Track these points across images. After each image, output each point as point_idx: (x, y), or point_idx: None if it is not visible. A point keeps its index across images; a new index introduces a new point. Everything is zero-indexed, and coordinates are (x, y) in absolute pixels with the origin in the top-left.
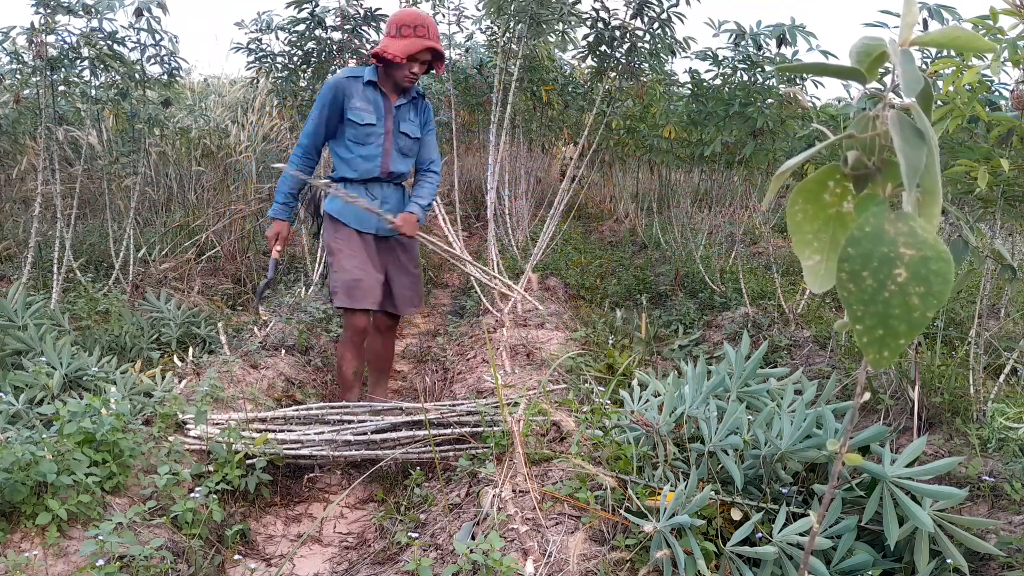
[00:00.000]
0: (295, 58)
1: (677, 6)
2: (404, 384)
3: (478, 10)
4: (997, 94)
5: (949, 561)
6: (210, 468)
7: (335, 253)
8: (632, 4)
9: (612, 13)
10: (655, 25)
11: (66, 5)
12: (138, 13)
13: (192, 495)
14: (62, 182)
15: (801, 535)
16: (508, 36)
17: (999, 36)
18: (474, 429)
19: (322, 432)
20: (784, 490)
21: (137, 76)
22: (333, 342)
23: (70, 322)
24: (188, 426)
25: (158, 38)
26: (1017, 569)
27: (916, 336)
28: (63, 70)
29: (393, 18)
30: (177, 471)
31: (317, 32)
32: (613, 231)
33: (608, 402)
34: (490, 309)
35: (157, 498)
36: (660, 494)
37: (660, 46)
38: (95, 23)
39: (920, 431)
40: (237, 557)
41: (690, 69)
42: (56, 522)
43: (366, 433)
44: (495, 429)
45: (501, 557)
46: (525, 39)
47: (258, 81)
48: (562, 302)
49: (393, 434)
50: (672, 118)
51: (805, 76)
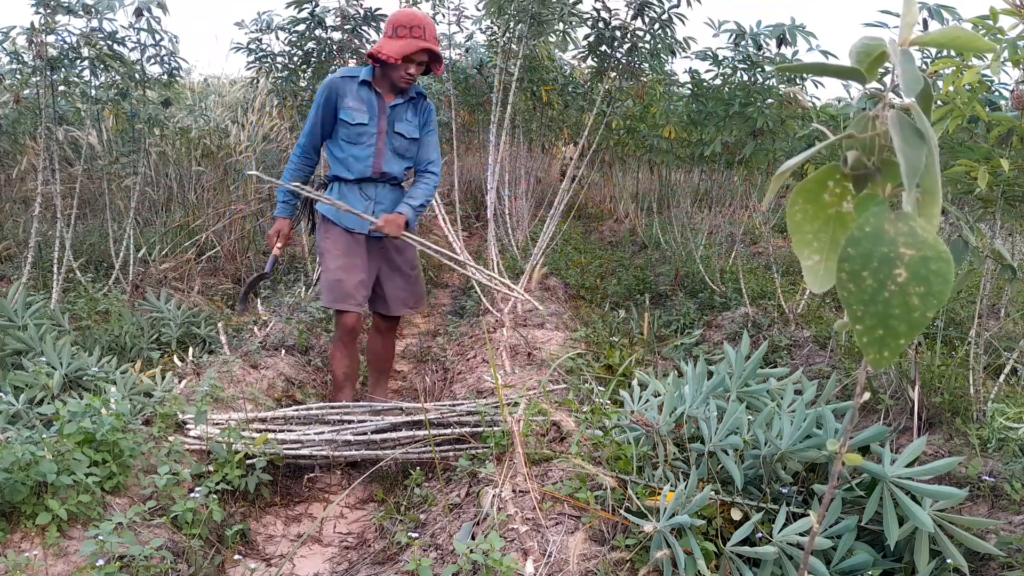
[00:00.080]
0: (295, 58)
1: (678, 7)
2: (404, 384)
3: (478, 10)
4: (997, 94)
5: (949, 561)
6: (210, 468)
7: (323, 253)
8: (633, 5)
9: (613, 13)
10: (656, 25)
11: (66, 5)
12: (138, 13)
13: (192, 495)
14: (62, 182)
15: (801, 535)
16: (508, 36)
17: (999, 36)
18: (474, 429)
19: (322, 432)
20: (784, 490)
21: (137, 76)
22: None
23: (70, 322)
24: (188, 426)
25: (158, 38)
26: (1017, 569)
27: (916, 336)
28: (63, 70)
29: (390, 18)
30: (177, 471)
31: (317, 32)
32: (613, 231)
33: (608, 402)
34: (490, 309)
35: (157, 498)
36: (660, 494)
37: (660, 46)
38: (95, 23)
39: (920, 431)
40: (237, 557)
41: (690, 69)
42: (56, 522)
43: (366, 433)
44: (495, 429)
45: (501, 557)
46: (525, 39)
47: (258, 81)
48: (562, 302)
49: (393, 434)
50: (672, 118)
51: (805, 76)
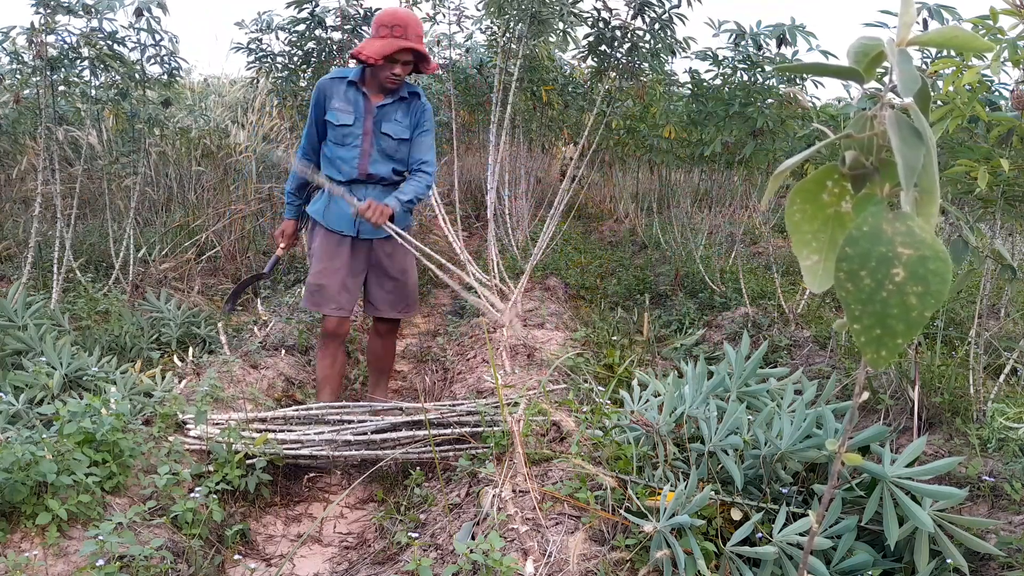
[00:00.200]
0: (295, 58)
1: (679, 7)
2: (404, 384)
3: (478, 10)
4: (997, 94)
5: (949, 561)
6: (210, 468)
7: (310, 256)
8: (633, 4)
9: (613, 13)
10: (656, 25)
11: (66, 5)
12: (138, 13)
13: (192, 495)
14: (62, 182)
15: (801, 535)
16: (508, 36)
17: (999, 36)
18: (474, 429)
19: (322, 432)
20: (784, 490)
21: (137, 76)
22: None
23: (70, 322)
24: (188, 426)
25: (158, 38)
26: (1017, 569)
27: (914, 336)
28: (63, 70)
29: (374, 18)
30: (177, 471)
31: (317, 32)
32: (613, 231)
33: (608, 402)
34: (490, 309)
35: (157, 498)
36: (660, 494)
37: (661, 46)
38: (95, 23)
39: (920, 431)
40: (237, 557)
41: (690, 69)
42: (56, 522)
43: (366, 433)
44: (495, 429)
45: (501, 557)
46: (525, 39)
47: (258, 81)
48: (562, 302)
49: (393, 434)
50: (672, 118)
51: (805, 76)
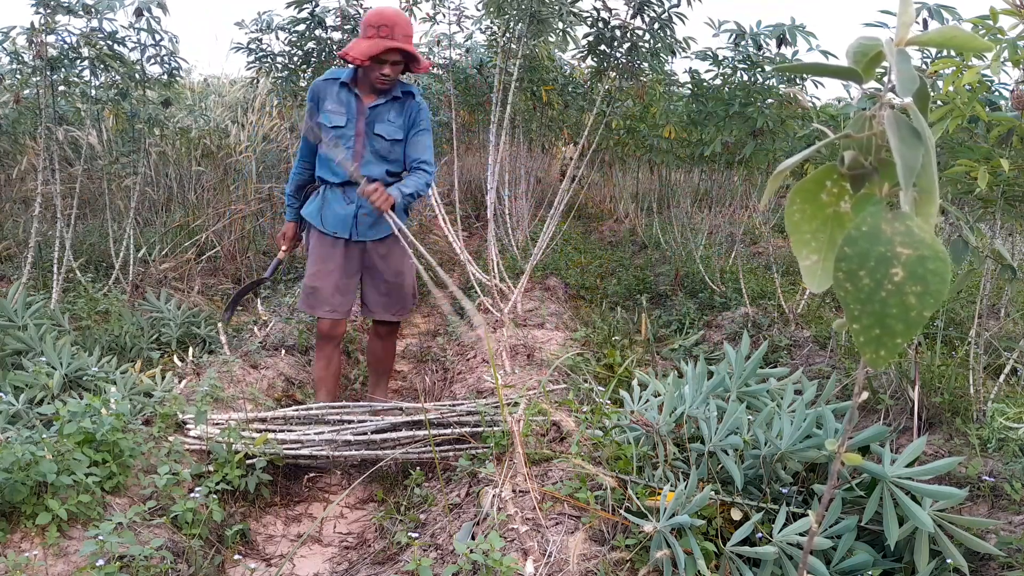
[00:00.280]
0: (295, 58)
1: (678, 6)
2: (404, 384)
3: (478, 10)
4: (997, 94)
5: (949, 561)
6: (210, 468)
7: (308, 258)
8: (633, 4)
9: (613, 13)
10: (656, 25)
11: (66, 5)
12: (138, 13)
13: (192, 495)
14: (62, 182)
15: (801, 535)
16: (508, 36)
17: (999, 36)
18: (474, 429)
19: (322, 432)
20: (784, 490)
21: (137, 76)
22: None
23: (70, 322)
24: (188, 426)
25: (158, 38)
26: (1017, 569)
27: (914, 335)
28: (63, 70)
29: (363, 18)
30: (177, 471)
31: (317, 32)
32: (613, 231)
33: (608, 402)
34: (490, 309)
35: (157, 498)
36: (660, 494)
37: (660, 46)
38: (95, 23)
39: (920, 431)
40: (237, 557)
41: (690, 69)
42: (56, 522)
43: (366, 433)
44: (495, 429)
45: (501, 557)
46: (525, 39)
47: (258, 81)
48: (562, 302)
49: (393, 434)
50: (672, 118)
51: (804, 76)
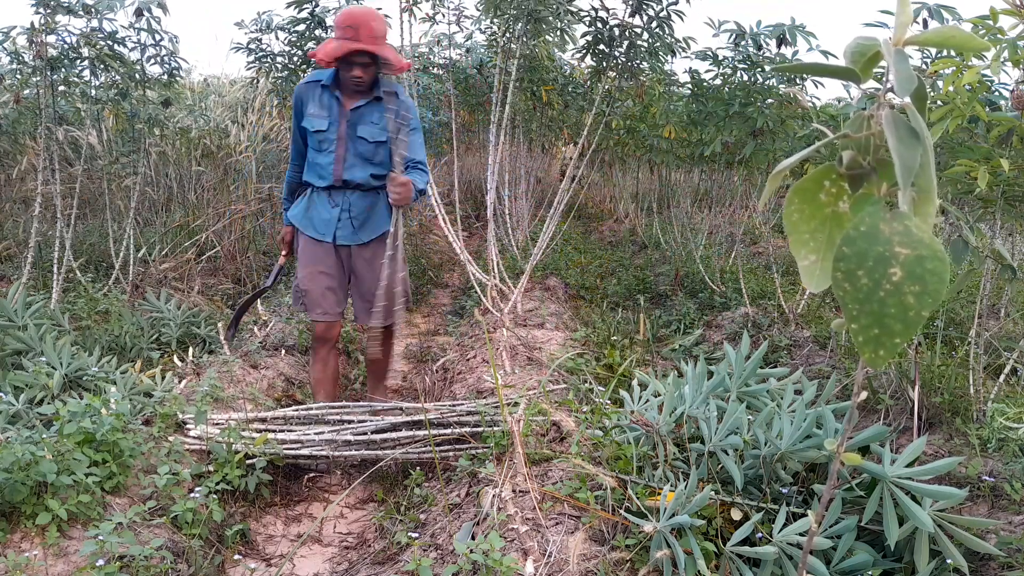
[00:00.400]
0: (295, 58)
1: (676, 3)
2: (404, 384)
3: (477, 10)
4: (997, 94)
5: (949, 561)
6: (210, 468)
7: (297, 260)
8: (631, 2)
9: (611, 12)
10: (654, 23)
11: (66, 5)
12: (138, 13)
13: (192, 495)
14: (62, 182)
15: (801, 535)
16: (507, 36)
17: (999, 36)
18: (474, 429)
19: (322, 432)
20: (784, 490)
21: (137, 76)
22: None
23: (70, 322)
24: (188, 426)
25: (158, 38)
26: (1017, 569)
27: (912, 335)
28: (63, 70)
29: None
30: (177, 471)
31: (317, 32)
32: (613, 231)
33: (608, 402)
34: (490, 309)
35: (157, 498)
36: (660, 494)
37: (659, 45)
38: (95, 23)
39: (920, 431)
40: (237, 557)
41: (690, 69)
42: (56, 522)
43: (366, 433)
44: (495, 429)
45: (501, 557)
46: (524, 38)
47: (258, 81)
48: (562, 302)
49: (393, 434)
50: (672, 118)
51: (804, 76)
